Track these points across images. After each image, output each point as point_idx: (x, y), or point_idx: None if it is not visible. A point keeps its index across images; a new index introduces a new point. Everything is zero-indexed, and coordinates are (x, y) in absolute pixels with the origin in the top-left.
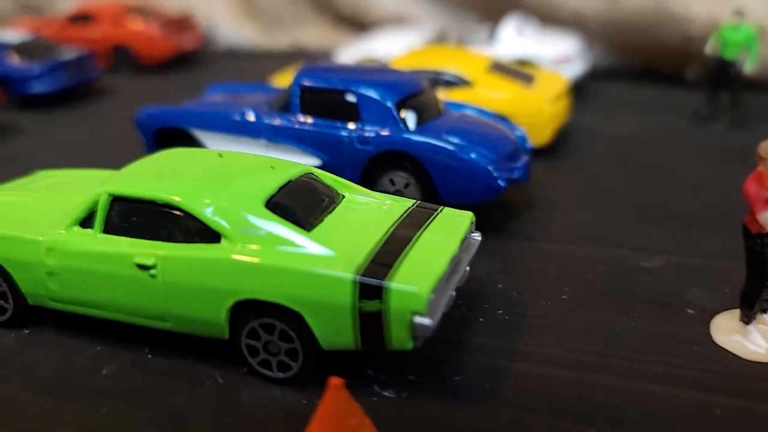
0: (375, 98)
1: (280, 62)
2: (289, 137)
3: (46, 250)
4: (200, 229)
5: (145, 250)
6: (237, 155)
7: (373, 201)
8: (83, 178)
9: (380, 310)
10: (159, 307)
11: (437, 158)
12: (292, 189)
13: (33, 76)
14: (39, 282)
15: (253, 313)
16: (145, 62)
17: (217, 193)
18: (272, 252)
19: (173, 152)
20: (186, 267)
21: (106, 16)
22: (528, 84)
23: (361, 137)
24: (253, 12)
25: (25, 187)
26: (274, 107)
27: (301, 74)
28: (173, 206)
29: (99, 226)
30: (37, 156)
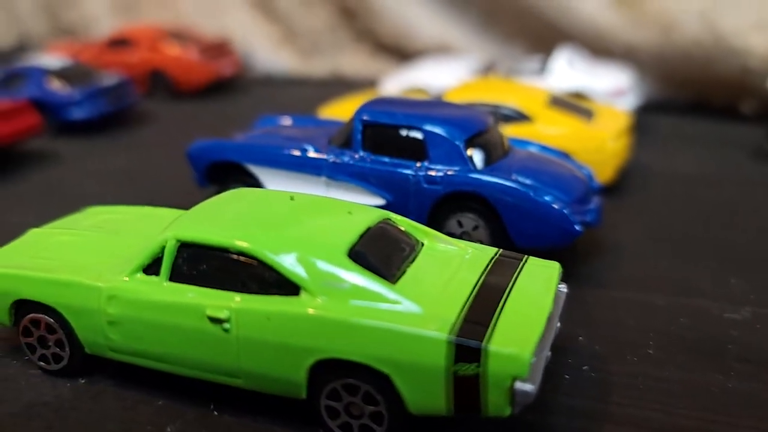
0: (443, 135)
1: (318, 90)
2: (352, 175)
3: (108, 298)
4: (277, 280)
5: (217, 301)
6: (309, 198)
7: (455, 249)
8: (139, 217)
9: (477, 374)
10: (231, 362)
11: (510, 200)
12: (372, 236)
13: (73, 102)
14: (98, 331)
15: (336, 373)
16: (182, 88)
17: (295, 241)
18: (357, 308)
19: (239, 193)
20: (263, 322)
21: (143, 40)
22: (588, 119)
23: (429, 176)
24: (291, 38)
25: (78, 225)
26: (334, 143)
27: (363, 109)
28: (248, 255)
29: (165, 274)
30: (78, 185)
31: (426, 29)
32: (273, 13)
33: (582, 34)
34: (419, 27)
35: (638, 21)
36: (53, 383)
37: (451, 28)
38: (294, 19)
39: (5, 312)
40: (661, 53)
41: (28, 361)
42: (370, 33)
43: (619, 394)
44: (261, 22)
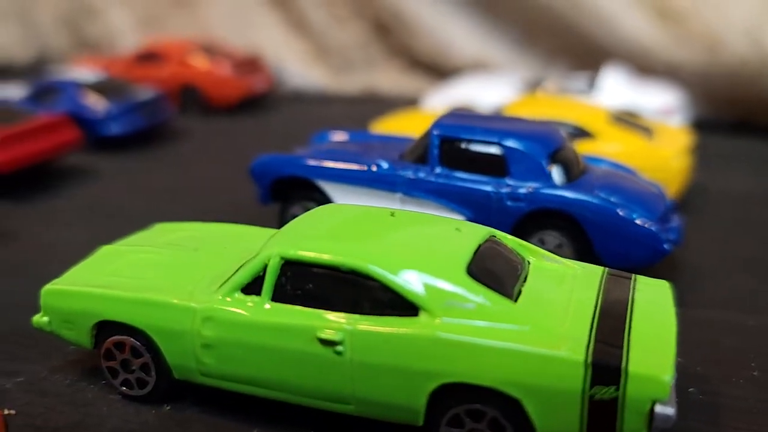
0: (525, 151)
1: (351, 107)
2: (429, 191)
3: (203, 319)
4: (393, 299)
5: (329, 323)
6: (410, 214)
7: (562, 267)
8: (216, 234)
9: (615, 397)
10: (341, 387)
11: (598, 218)
12: (483, 254)
13: (109, 117)
14: (190, 354)
15: (459, 398)
16: (214, 104)
17: (412, 259)
18: (483, 329)
19: (333, 209)
20: (381, 344)
21: (174, 54)
22: (649, 137)
23: (512, 193)
24: (322, 54)
25: (152, 242)
26: (407, 158)
27: (439, 124)
28: (361, 274)
29: (267, 294)
30: (122, 202)
31: (463, 46)
32: (304, 29)
33: (624, 52)
34: (456, 43)
35: (682, 39)
36: (137, 410)
37: (488, 45)
38: (326, 36)
39: (86, 334)
40: (706, 71)
41: (107, 386)
42: (404, 49)
43: (733, 418)
44: (292, 38)
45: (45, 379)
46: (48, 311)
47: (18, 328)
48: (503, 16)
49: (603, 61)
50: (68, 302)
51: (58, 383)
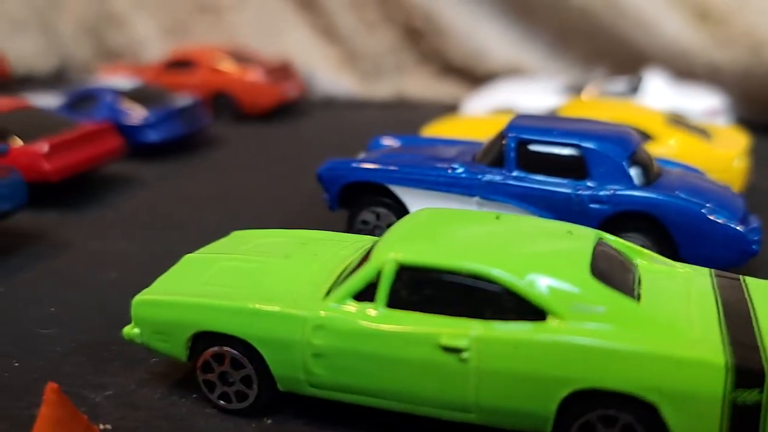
0: (605, 153)
1: (382, 112)
2: (508, 195)
3: (315, 328)
4: (517, 304)
5: (452, 329)
6: (515, 218)
7: (670, 268)
8: (302, 240)
9: (759, 401)
10: (465, 396)
11: (684, 220)
12: (599, 257)
13: (148, 125)
14: (299, 365)
15: (591, 404)
16: (247, 111)
17: (535, 262)
18: (616, 332)
19: (435, 213)
20: (509, 351)
21: (205, 62)
22: (708, 139)
23: (594, 196)
24: (352, 60)
25: (236, 250)
26: (482, 161)
27: (515, 127)
28: (484, 278)
29: (382, 300)
30: (171, 210)
31: (497, 50)
32: (334, 35)
33: (663, 54)
34: (490, 48)
35: (724, 40)
36: (236, 424)
37: (522, 50)
38: (355, 41)
39: (182, 345)
40: (748, 72)
41: (200, 399)
42: (436, 54)
43: None
44: (321, 44)
45: (134, 392)
46: (139, 322)
47: (96, 339)
48: (537, 20)
49: (640, 64)
50: (162, 313)
51: (148, 396)
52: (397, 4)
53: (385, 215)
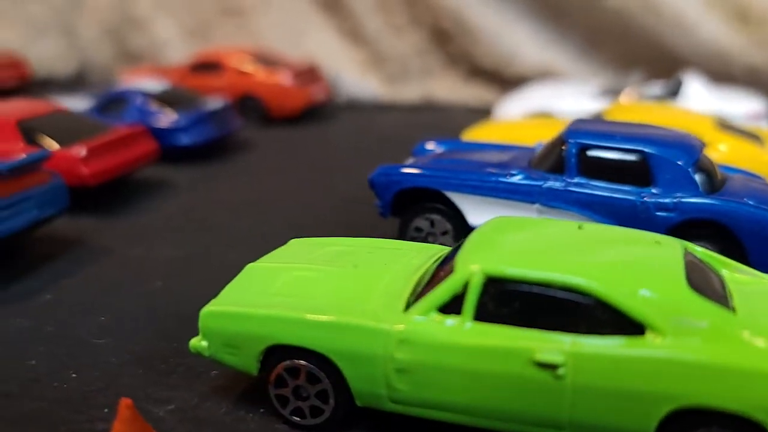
0: (671, 159)
1: (409, 115)
2: (569, 202)
3: (398, 342)
4: (613, 318)
5: (546, 344)
6: (598, 227)
7: (755, 278)
8: (367, 248)
9: None
10: (557, 413)
11: (755, 227)
12: (691, 268)
13: (179, 128)
14: (381, 380)
15: (693, 422)
16: (275, 114)
17: (630, 275)
18: (720, 347)
19: (512, 222)
20: (607, 367)
21: (232, 64)
22: (760, 143)
23: (659, 203)
24: (377, 63)
25: (300, 259)
26: (540, 167)
27: (575, 132)
28: (577, 291)
29: (469, 313)
30: (209, 215)
31: (526, 53)
32: (359, 37)
33: (700, 56)
34: (519, 51)
35: (764, 41)
36: None
37: (553, 52)
38: (382, 43)
39: (253, 359)
40: None
41: (267, 414)
42: (464, 57)
43: None
44: (346, 46)
45: (198, 406)
46: (208, 335)
47: (150, 350)
48: (568, 22)
49: (674, 67)
50: (234, 325)
51: (213, 411)
52: (425, 6)
53: (439, 222)
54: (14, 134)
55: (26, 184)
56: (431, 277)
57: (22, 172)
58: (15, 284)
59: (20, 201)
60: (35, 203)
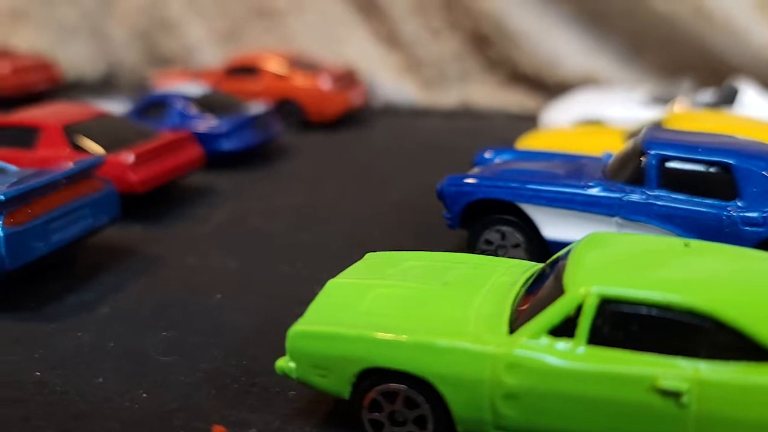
0: (758, 171)
1: (447, 121)
2: (651, 215)
3: (507, 366)
4: (738, 342)
5: (669, 370)
6: (705, 245)
7: None
8: (448, 264)
9: None
10: None
11: None
12: None
13: (221, 133)
14: (485, 405)
15: None
16: (314, 119)
17: (754, 297)
18: None
19: (613, 239)
20: (736, 395)
21: (269, 68)
22: None
23: (746, 217)
24: (414, 68)
25: (381, 274)
26: (615, 179)
27: (654, 142)
28: (700, 314)
29: (583, 337)
30: (258, 224)
31: (568, 58)
32: (396, 41)
33: (751, 63)
34: (561, 56)
35: None
36: None
37: (595, 58)
38: (418, 47)
39: (345, 382)
40: None
41: None
42: (504, 62)
43: None
44: (382, 50)
45: (281, 429)
46: (297, 356)
47: (220, 368)
48: (611, 28)
49: (722, 74)
50: (326, 346)
51: None
52: (464, 10)
53: (510, 234)
54: (61, 139)
55: (80, 192)
56: (528, 296)
57: (76, 180)
58: (70, 296)
59: (75, 209)
60: (89, 212)
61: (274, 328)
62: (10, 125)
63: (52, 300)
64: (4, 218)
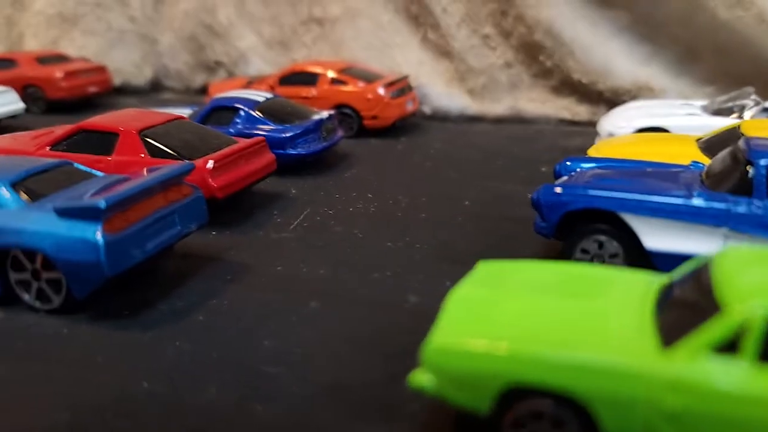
0: None
1: (498, 128)
2: (762, 227)
3: (668, 386)
4: None
5: None
6: None
7: None
8: (572, 275)
9: None
10: None
11: None
12: None
13: (287, 139)
14: (640, 425)
15: None
16: (369, 125)
17: None
18: None
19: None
20: None
21: (324, 76)
22: None
23: None
24: (464, 74)
25: (505, 285)
26: (719, 189)
27: (761, 152)
28: None
29: (752, 355)
30: (337, 229)
31: (622, 66)
32: (446, 49)
33: None
34: (614, 64)
35: None
36: None
37: (649, 66)
38: (469, 55)
39: (487, 398)
40: None
41: None
42: (556, 69)
43: None
44: (432, 58)
45: None
46: (436, 371)
47: (331, 380)
48: (665, 36)
49: None
50: (469, 362)
51: None
52: (516, 18)
53: (607, 244)
54: (137, 145)
55: (171, 198)
56: (668, 310)
57: (168, 186)
58: (162, 304)
59: (167, 216)
60: (179, 218)
61: (380, 337)
62: (86, 130)
63: (145, 308)
64: (104, 225)
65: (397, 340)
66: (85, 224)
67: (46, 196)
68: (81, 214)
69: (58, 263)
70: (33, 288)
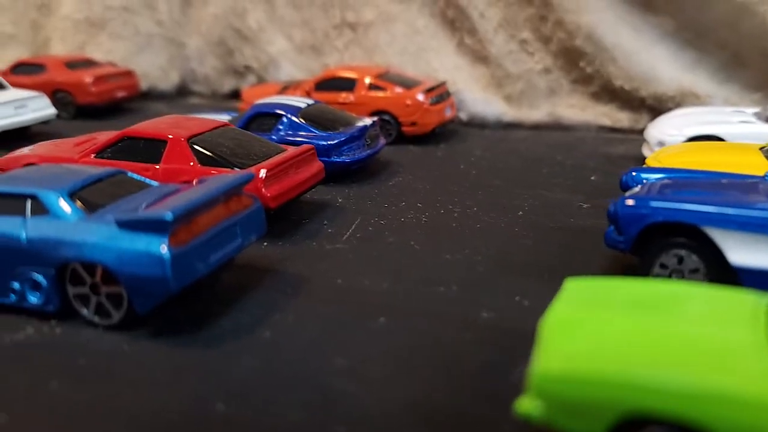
0: None
1: (537, 134)
2: None
3: None
4: None
5: None
6: None
7: None
8: (669, 294)
9: None
10: None
11: None
12: None
13: (332, 147)
14: None
15: None
16: (408, 132)
17: None
18: None
19: None
20: None
21: (361, 82)
22: None
23: None
24: (502, 80)
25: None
26: None
27: None
28: None
29: None
30: (391, 240)
31: (665, 73)
32: (483, 54)
33: None
34: (657, 71)
35: None
36: None
37: (693, 73)
38: (506, 60)
39: (601, 426)
40: None
41: None
42: (597, 75)
43: None
44: (469, 63)
45: None
46: (547, 399)
47: (412, 399)
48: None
49: None
50: (584, 389)
51: None
52: (556, 23)
53: (687, 259)
54: (186, 153)
55: (233, 209)
56: None
57: (229, 197)
58: (225, 320)
59: (228, 227)
60: (240, 230)
61: (458, 354)
62: (131, 137)
63: (207, 323)
64: (170, 238)
65: (478, 358)
66: (150, 237)
67: (103, 206)
68: (146, 226)
69: (121, 277)
70: (92, 302)
